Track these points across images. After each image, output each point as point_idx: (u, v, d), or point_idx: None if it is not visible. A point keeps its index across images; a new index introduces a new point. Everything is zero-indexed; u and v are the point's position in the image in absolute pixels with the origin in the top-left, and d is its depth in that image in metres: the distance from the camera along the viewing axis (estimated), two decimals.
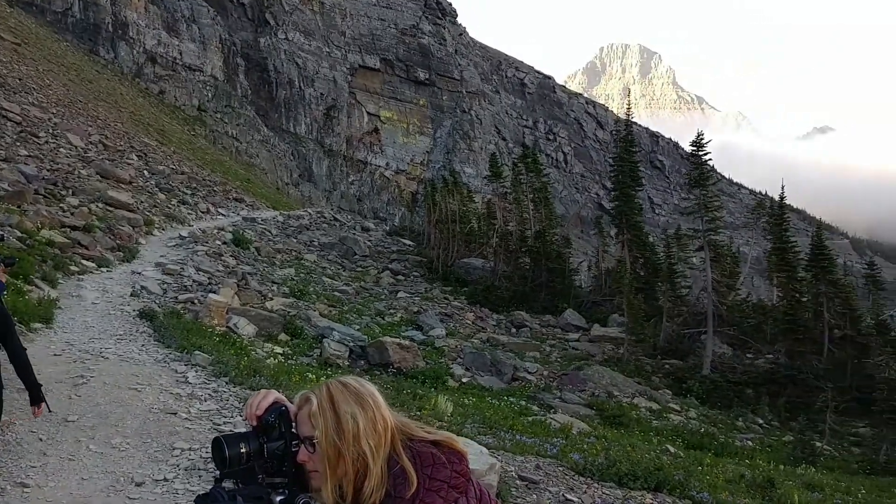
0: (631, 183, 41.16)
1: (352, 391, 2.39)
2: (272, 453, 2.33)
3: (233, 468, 2.27)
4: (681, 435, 19.55)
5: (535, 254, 42.38)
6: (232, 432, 2.36)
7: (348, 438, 2.29)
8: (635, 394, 25.00)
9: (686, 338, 33.67)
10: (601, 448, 12.66)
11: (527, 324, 35.89)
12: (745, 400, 28.10)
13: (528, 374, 25.04)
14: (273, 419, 2.35)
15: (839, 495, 15.59)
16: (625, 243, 40.46)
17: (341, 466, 2.29)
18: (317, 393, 2.40)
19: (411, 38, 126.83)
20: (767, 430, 25.72)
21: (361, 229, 60.85)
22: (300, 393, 2.46)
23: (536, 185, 48.09)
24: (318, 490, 2.34)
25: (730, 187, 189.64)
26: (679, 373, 29.52)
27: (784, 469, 17.93)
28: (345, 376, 2.55)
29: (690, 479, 11.68)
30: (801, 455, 20.35)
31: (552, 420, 16.76)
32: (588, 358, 29.92)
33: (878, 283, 42.07)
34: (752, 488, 13.22)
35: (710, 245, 32.35)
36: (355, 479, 2.31)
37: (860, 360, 30.09)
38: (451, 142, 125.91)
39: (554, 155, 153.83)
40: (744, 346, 35.05)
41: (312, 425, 2.33)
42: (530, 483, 9.90)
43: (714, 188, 35.83)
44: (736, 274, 42.62)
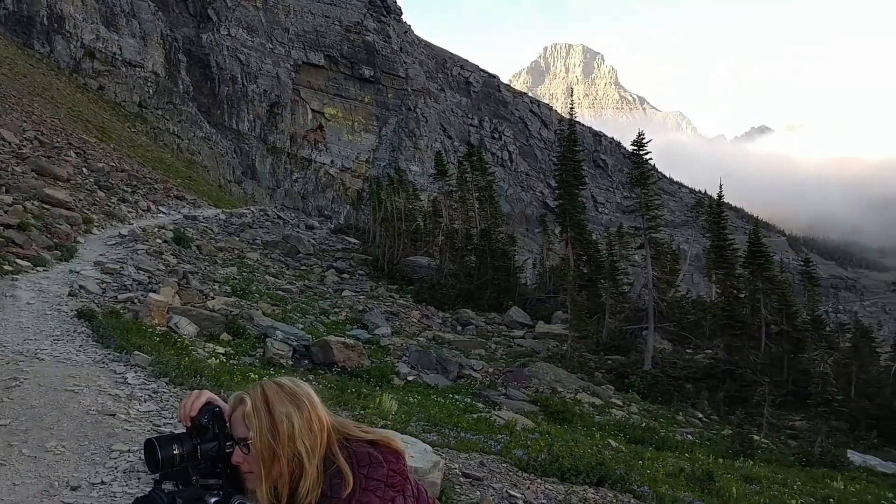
0: (574, 182, 41.61)
1: (287, 391, 2.38)
2: (206, 455, 2.31)
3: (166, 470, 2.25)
4: (623, 430, 19.80)
5: (481, 252, 42.56)
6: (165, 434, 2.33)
7: (283, 439, 2.29)
8: (579, 389, 25.27)
9: (628, 334, 34.18)
10: (545, 444, 12.77)
11: (472, 321, 36.01)
12: (686, 394, 28.63)
13: (473, 371, 25.11)
14: (206, 420, 2.33)
15: (776, 487, 15.99)
16: (568, 241, 40.89)
17: (276, 467, 2.29)
18: (251, 393, 2.38)
19: (356, 35, 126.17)
20: (707, 423, 26.25)
21: (306, 227, 60.40)
22: (234, 394, 2.44)
23: (482, 183, 48.30)
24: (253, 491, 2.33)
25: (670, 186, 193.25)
26: (621, 368, 29.94)
27: (723, 462, 18.32)
28: (280, 377, 2.54)
29: (631, 473, 11.87)
30: (740, 448, 20.80)
31: (497, 417, 16.84)
32: (533, 355, 30.15)
33: (814, 279, 43.30)
34: (691, 481, 13.48)
35: (650, 243, 32.88)
36: (290, 480, 2.30)
37: (796, 354, 30.94)
38: (397, 139, 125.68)
39: (499, 153, 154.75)
40: (684, 341, 35.75)
41: (247, 426, 2.31)
42: (474, 480, 9.95)
43: (655, 187, 36.40)
44: (676, 271, 43.42)
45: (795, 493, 15.58)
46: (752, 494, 14.11)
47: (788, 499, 14.66)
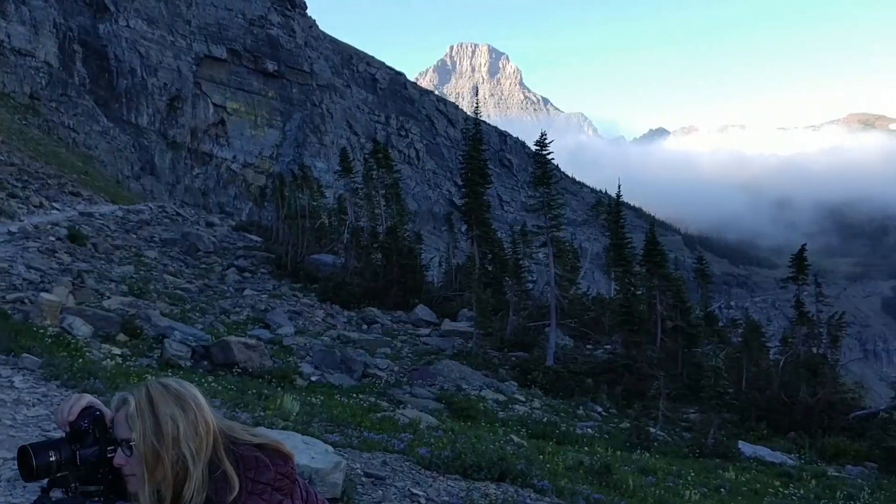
0: (480, 181, 41.98)
1: (172, 392, 2.34)
2: (85, 460, 2.23)
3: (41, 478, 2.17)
4: (525, 425, 20.13)
5: (387, 250, 42.46)
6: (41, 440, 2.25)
7: (168, 441, 2.24)
8: (483, 386, 25.54)
9: (531, 330, 34.73)
10: (448, 441, 12.86)
11: (378, 320, 35.94)
12: (586, 389, 29.30)
13: (378, 370, 25.06)
14: (86, 424, 2.26)
15: (671, 478, 16.56)
16: (474, 239, 41.25)
17: (160, 470, 2.24)
18: (135, 394, 2.32)
19: (259, 28, 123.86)
20: (606, 417, 26.96)
21: (206, 224, 59.02)
22: (117, 394, 2.37)
23: (388, 180, 48.19)
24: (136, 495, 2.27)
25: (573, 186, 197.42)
26: (524, 364, 30.40)
27: (621, 455, 18.84)
28: (166, 378, 2.49)
29: (532, 467, 12.08)
30: (637, 441, 21.44)
31: (401, 415, 16.85)
32: (438, 352, 30.32)
33: (707, 276, 45.01)
34: (590, 474, 13.80)
35: (553, 241, 33.49)
36: (174, 484, 2.26)
37: (690, 349, 32.08)
38: (302, 135, 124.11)
39: (406, 151, 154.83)
40: (584, 337, 36.60)
41: (129, 427, 2.26)
42: (376, 479, 9.95)
43: (557, 186, 37.10)
44: (577, 269, 44.38)
45: (689, 484, 16.15)
46: (648, 486, 14.56)
47: (683, 489, 15.19)
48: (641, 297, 34.67)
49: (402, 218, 46.42)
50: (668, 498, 13.53)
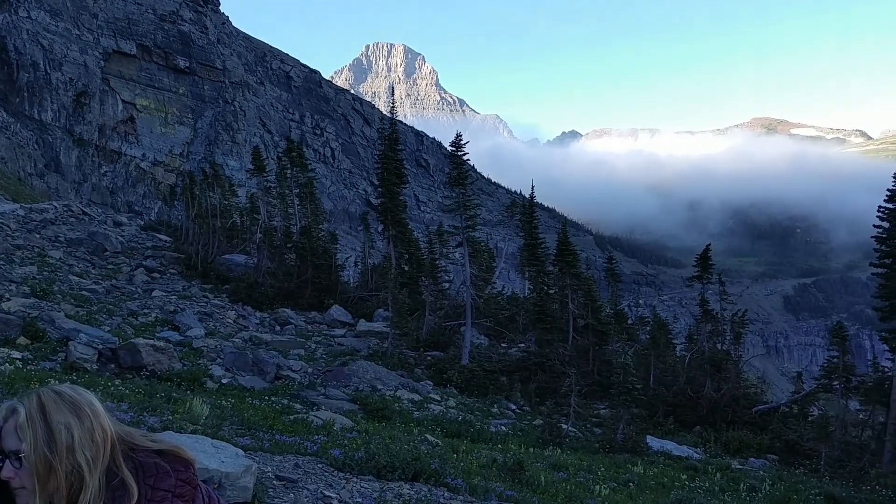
0: (396, 180, 41.93)
1: (66, 400, 2.26)
2: None
3: None
4: (440, 424, 20.21)
5: (301, 250, 41.99)
6: None
7: (61, 451, 2.16)
8: (398, 386, 25.53)
9: (447, 330, 34.89)
10: (362, 442, 12.82)
11: (292, 321, 35.53)
12: (500, 387, 29.63)
13: (292, 372, 24.78)
14: None
15: (582, 473, 16.88)
16: (390, 239, 41.19)
17: (53, 481, 2.16)
18: (25, 402, 2.23)
19: (171, 24, 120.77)
20: (520, 414, 27.31)
21: (114, 224, 57.31)
22: (5, 403, 2.28)
23: (302, 179, 47.65)
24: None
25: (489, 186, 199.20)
26: (440, 364, 30.52)
27: (534, 451, 19.13)
28: (59, 385, 2.40)
29: (446, 466, 12.14)
30: (549, 437, 21.78)
31: (315, 417, 16.70)
32: (353, 353, 30.16)
33: (617, 275, 46.08)
34: (503, 472, 13.95)
35: (468, 241, 33.73)
36: (69, 494, 2.18)
37: (600, 346, 32.79)
38: (214, 133, 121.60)
39: (321, 150, 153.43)
40: (499, 336, 37.00)
41: (19, 438, 2.17)
42: (288, 482, 9.83)
43: (473, 187, 37.41)
44: (492, 269, 44.86)
45: (599, 479, 16.50)
46: (560, 482, 14.81)
47: (593, 484, 15.51)
48: (554, 296, 35.23)
49: (316, 217, 45.97)
50: (579, 493, 13.79)
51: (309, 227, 43.37)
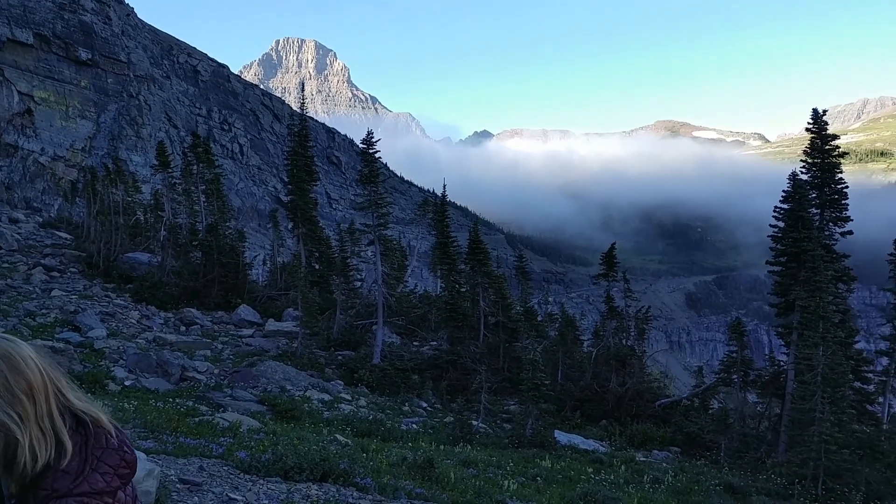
0: (306, 177, 41.43)
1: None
2: None
3: None
4: (351, 424, 20.10)
5: (207, 248, 41.06)
6: None
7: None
8: (308, 386, 25.27)
9: (359, 329, 34.72)
10: (269, 443, 12.63)
11: (198, 321, 34.74)
12: (412, 385, 29.66)
13: (197, 373, 24.24)
14: None
15: (491, 469, 17.06)
16: (300, 237, 40.67)
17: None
18: None
19: (71, 13, 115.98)
20: (431, 412, 27.40)
21: (10, 221, 54.97)
22: None
23: (208, 175, 46.53)
24: None
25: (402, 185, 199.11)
26: (351, 363, 30.36)
27: (444, 448, 19.22)
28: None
29: (355, 465, 12.08)
30: (460, 434, 21.91)
31: (221, 419, 16.36)
32: (262, 353, 29.70)
33: (527, 273, 46.73)
34: (413, 469, 13.97)
35: (380, 240, 33.62)
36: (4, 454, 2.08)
37: (510, 343, 33.19)
38: (117, 128, 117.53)
39: (229, 146, 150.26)
40: (411, 334, 37.02)
41: None
42: (193, 485, 9.61)
43: (385, 185, 37.30)
44: (404, 267, 44.85)
45: (508, 474, 16.71)
46: (470, 478, 14.93)
47: (502, 479, 15.68)
48: (466, 294, 35.46)
49: (223, 214, 44.98)
50: (488, 489, 13.92)
51: (215, 224, 42.41)
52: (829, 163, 28.53)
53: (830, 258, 27.30)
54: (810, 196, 27.82)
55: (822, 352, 23.35)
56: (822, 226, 28.19)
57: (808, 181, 28.27)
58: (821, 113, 29.08)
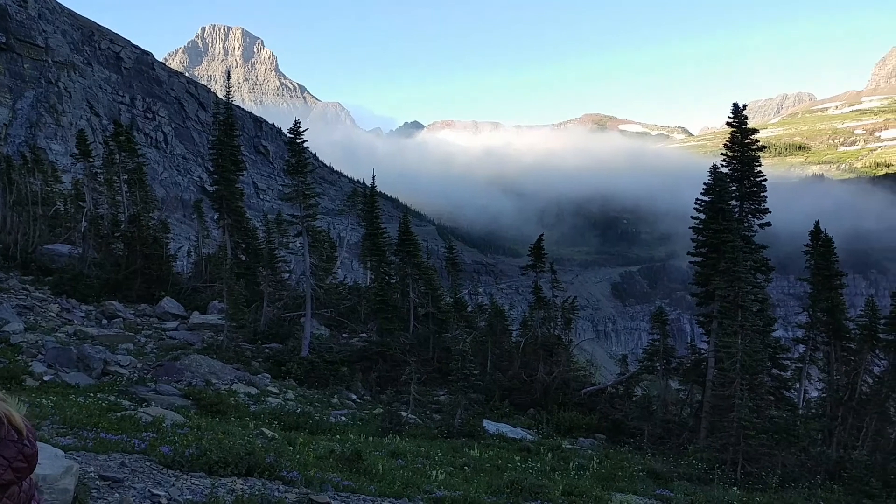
0: (231, 167, 40.74)
1: None
2: None
3: None
4: (278, 417, 19.93)
5: (130, 239, 40.07)
6: None
7: None
8: (234, 380, 24.95)
9: (286, 321, 34.39)
10: (193, 438, 12.45)
11: (120, 314, 33.91)
12: (341, 378, 29.54)
13: (120, 367, 23.66)
14: None
15: (420, 459, 17.13)
16: (225, 228, 40.02)
17: None
18: None
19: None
20: (361, 404, 27.36)
21: None
22: None
23: (131, 165, 45.36)
24: None
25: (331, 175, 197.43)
26: (279, 356, 30.07)
27: (373, 440, 19.22)
28: None
29: (282, 459, 12.01)
30: (389, 426, 21.94)
31: (144, 414, 16.02)
32: (186, 347, 29.19)
33: (457, 265, 46.85)
34: (341, 462, 13.95)
35: (308, 231, 33.30)
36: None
37: (440, 334, 33.34)
38: (35, 115, 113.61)
39: (153, 134, 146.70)
40: (340, 326, 36.84)
41: None
42: (113, 482, 9.44)
43: (314, 175, 36.92)
44: (334, 258, 44.55)
45: (437, 464, 16.81)
46: (398, 468, 14.98)
47: (430, 470, 15.76)
48: (396, 286, 35.45)
49: (146, 205, 43.93)
50: (416, 479, 13.99)
51: (138, 215, 41.40)
52: (749, 156, 29.38)
53: (749, 249, 28.16)
54: (730, 189, 28.59)
55: (740, 340, 24.10)
56: (741, 217, 29.03)
57: (729, 174, 29.07)
58: (741, 107, 29.89)
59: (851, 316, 33.06)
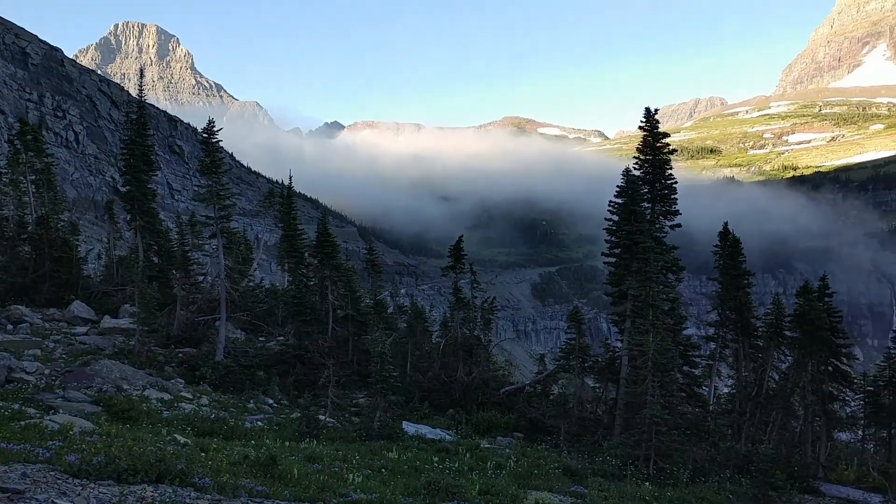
0: (144, 167, 39.61)
1: None
2: None
3: None
4: (191, 423, 19.56)
5: (38, 241, 38.64)
6: None
7: None
8: (147, 385, 24.36)
9: (201, 325, 33.72)
10: (102, 446, 12.12)
11: (27, 319, 32.69)
12: (258, 382, 29.15)
13: (26, 374, 22.82)
14: None
15: (337, 463, 17.05)
16: (137, 230, 38.94)
17: None
18: None
19: None
20: (278, 408, 27.04)
21: None
22: None
23: (38, 165, 43.71)
24: None
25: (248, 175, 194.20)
26: (193, 361, 29.49)
27: (289, 445, 19.02)
28: None
29: (193, 466, 11.82)
30: (307, 430, 21.77)
31: (50, 422, 15.50)
32: (97, 352, 28.34)
33: (377, 266, 46.80)
34: (255, 467, 13.78)
35: (223, 232, 32.71)
36: None
37: (360, 336, 33.25)
38: None
39: (63, 133, 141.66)
40: (257, 329, 36.32)
41: None
42: (13, 493, 9.13)
43: (230, 175, 36.31)
44: (250, 260, 43.85)
45: (354, 467, 16.77)
46: (314, 473, 14.88)
47: (347, 473, 15.73)
48: (314, 288, 35.14)
49: (55, 206, 42.41)
50: (332, 483, 13.94)
51: (47, 216, 39.96)
52: (660, 159, 30.17)
53: (661, 250, 28.94)
54: (643, 191, 29.35)
55: (652, 338, 24.77)
56: (653, 219, 29.81)
57: (641, 177, 29.82)
58: (653, 112, 30.65)
59: (760, 314, 34.33)
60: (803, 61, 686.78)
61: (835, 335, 31.48)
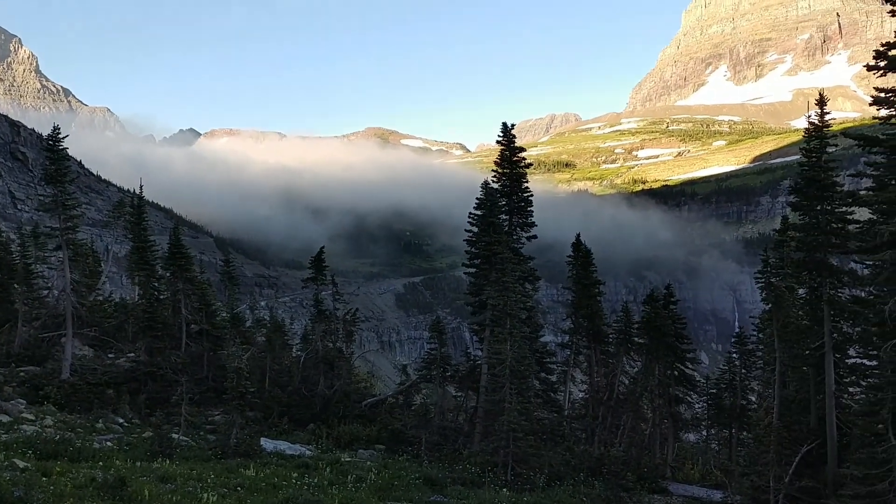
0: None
1: None
2: None
3: None
4: (33, 446, 18.44)
5: None
6: None
7: None
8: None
9: (44, 342, 31.91)
10: None
11: None
12: (107, 401, 27.87)
13: None
14: None
15: (191, 483, 16.48)
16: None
17: None
18: None
19: None
20: (128, 428, 25.90)
21: None
22: None
23: None
24: None
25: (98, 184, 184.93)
26: (36, 380, 27.92)
27: (140, 465, 18.24)
28: None
29: (33, 491, 11.18)
30: (159, 449, 20.94)
31: None
32: None
33: (234, 278, 45.64)
34: (102, 490, 13.19)
35: (69, 244, 31.04)
36: None
37: (215, 351, 32.33)
38: None
39: None
40: (106, 346, 34.66)
41: None
42: None
43: (77, 184, 34.54)
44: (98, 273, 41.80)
45: (209, 486, 16.25)
46: (167, 493, 14.35)
47: (202, 493, 15.22)
48: (166, 302, 33.92)
49: None
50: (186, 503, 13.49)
51: None
52: (517, 173, 31.02)
53: (518, 260, 29.73)
54: (500, 203, 30.08)
55: (510, 346, 25.35)
56: (510, 230, 30.61)
57: (499, 189, 30.56)
58: (510, 126, 31.48)
59: (612, 321, 35.85)
60: (652, 80, 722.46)
61: (679, 341, 33.34)
